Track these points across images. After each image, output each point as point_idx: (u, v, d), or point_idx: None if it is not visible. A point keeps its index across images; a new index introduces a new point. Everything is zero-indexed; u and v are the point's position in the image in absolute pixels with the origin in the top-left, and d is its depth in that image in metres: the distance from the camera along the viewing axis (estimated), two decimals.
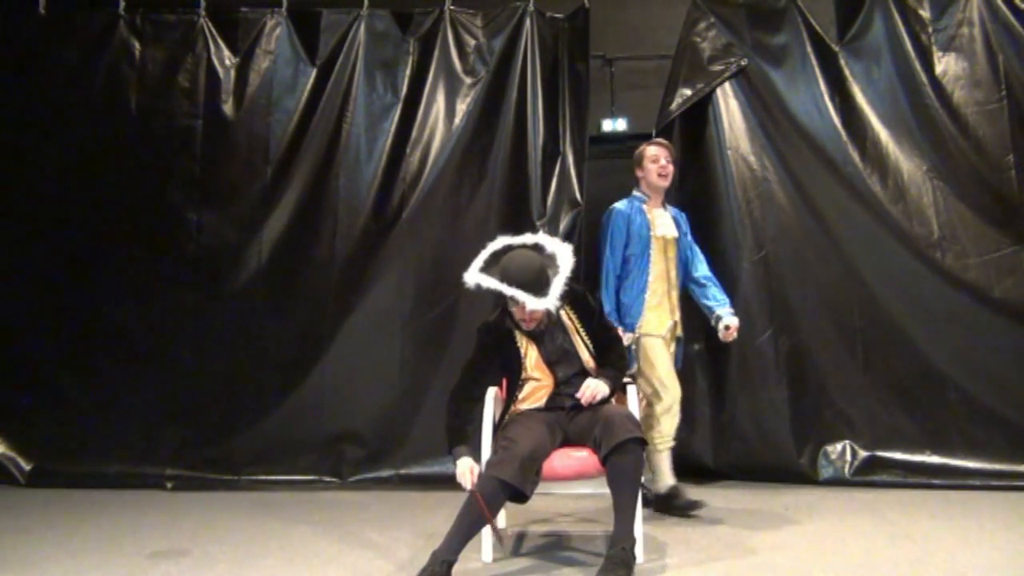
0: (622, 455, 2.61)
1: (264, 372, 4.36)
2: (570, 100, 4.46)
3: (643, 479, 2.98)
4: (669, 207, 3.75)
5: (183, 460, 4.29)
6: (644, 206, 3.63)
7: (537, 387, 2.93)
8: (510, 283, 2.74)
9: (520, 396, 2.94)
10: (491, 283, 2.78)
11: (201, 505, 3.87)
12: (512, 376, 2.97)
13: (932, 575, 2.60)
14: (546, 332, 2.92)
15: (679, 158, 4.33)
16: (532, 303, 2.71)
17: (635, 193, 3.69)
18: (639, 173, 3.68)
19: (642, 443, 2.66)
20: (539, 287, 2.74)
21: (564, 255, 2.86)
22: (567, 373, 2.92)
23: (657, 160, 3.62)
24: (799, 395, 4.07)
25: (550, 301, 2.73)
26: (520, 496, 2.60)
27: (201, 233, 4.48)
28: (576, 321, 2.96)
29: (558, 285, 2.76)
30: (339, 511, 3.71)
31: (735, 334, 3.59)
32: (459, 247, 4.38)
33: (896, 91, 4.24)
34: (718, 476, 4.11)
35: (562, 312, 2.92)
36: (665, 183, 3.64)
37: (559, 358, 2.92)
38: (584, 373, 2.92)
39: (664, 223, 3.63)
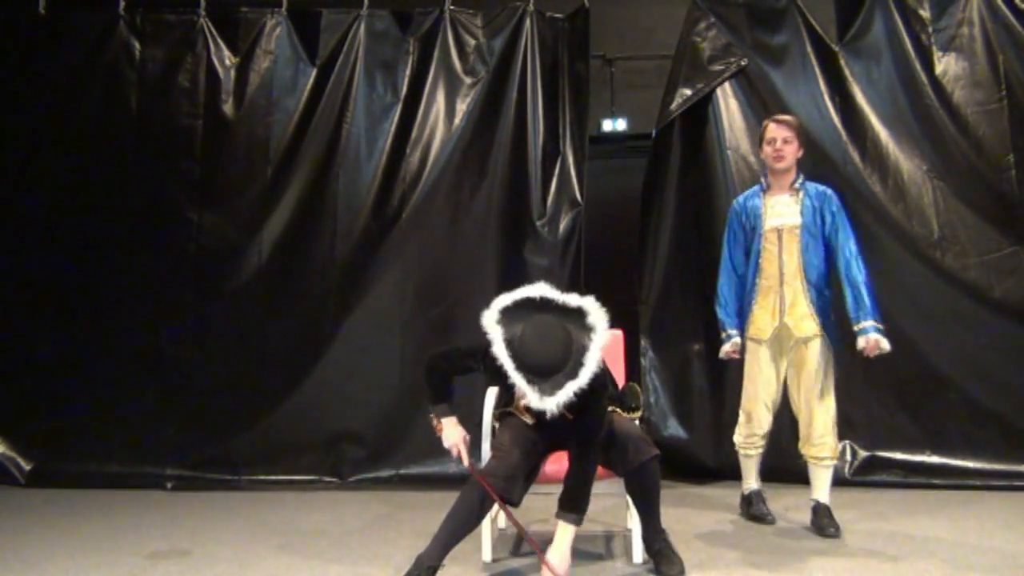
0: (642, 477, 2.62)
1: (264, 372, 4.36)
2: (570, 100, 4.47)
3: None
4: (810, 186, 3.28)
5: (183, 460, 4.29)
6: (763, 193, 3.31)
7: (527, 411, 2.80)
8: (521, 364, 2.35)
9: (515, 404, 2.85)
10: (502, 355, 2.37)
11: (201, 505, 3.87)
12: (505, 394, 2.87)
13: (932, 575, 2.60)
14: None
15: (679, 158, 4.34)
16: (535, 401, 2.33)
17: (762, 179, 3.38)
18: (761, 155, 3.40)
19: (658, 459, 2.64)
20: (551, 374, 2.35)
21: (597, 341, 2.41)
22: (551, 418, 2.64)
23: (773, 141, 3.23)
24: None
25: (551, 404, 2.32)
26: (509, 503, 2.61)
27: (201, 233, 4.48)
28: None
29: (568, 391, 2.33)
30: (339, 511, 3.71)
31: (872, 354, 3.12)
32: (459, 247, 4.40)
33: (896, 91, 4.24)
34: (718, 476, 4.11)
35: None
36: (781, 165, 3.23)
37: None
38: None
39: (783, 211, 3.23)
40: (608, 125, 5.56)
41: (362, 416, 4.31)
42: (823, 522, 3.13)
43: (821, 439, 3.17)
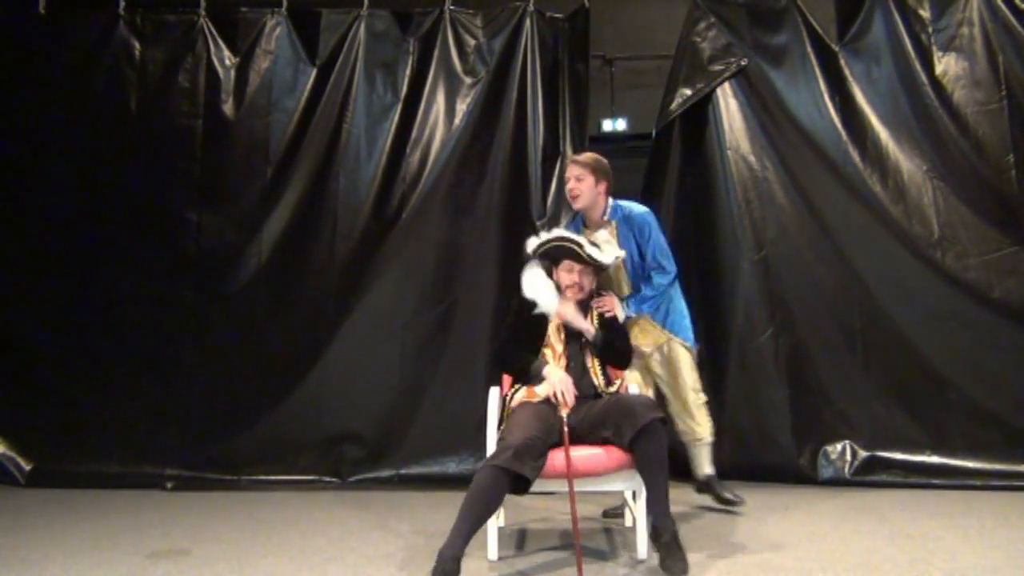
0: (649, 439, 2.65)
1: (264, 372, 4.36)
2: (570, 100, 4.46)
3: None
4: (620, 211, 3.37)
5: (183, 460, 4.29)
6: (584, 228, 3.40)
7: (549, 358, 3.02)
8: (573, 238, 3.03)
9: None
10: (557, 231, 3.08)
11: (201, 505, 3.87)
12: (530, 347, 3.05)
13: (932, 575, 2.60)
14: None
15: (679, 158, 4.34)
16: (596, 253, 3.01)
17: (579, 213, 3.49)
18: None
19: (665, 423, 2.72)
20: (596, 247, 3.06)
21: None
22: (574, 348, 3.05)
23: (567, 181, 3.37)
24: (799, 395, 4.07)
25: (608, 256, 3.05)
26: (522, 482, 2.61)
27: (201, 233, 4.48)
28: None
29: (614, 250, 3.10)
30: (339, 511, 3.71)
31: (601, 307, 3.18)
32: (459, 247, 4.40)
33: (896, 91, 4.24)
34: (718, 476, 4.10)
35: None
36: (576, 205, 3.37)
37: (574, 338, 3.06)
38: (585, 371, 3.01)
39: (606, 248, 3.25)
40: (608, 125, 5.57)
41: (362, 416, 4.30)
42: (718, 489, 3.48)
43: (700, 425, 3.44)
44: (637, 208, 3.39)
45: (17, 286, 4.48)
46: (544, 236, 3.10)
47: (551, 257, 3.14)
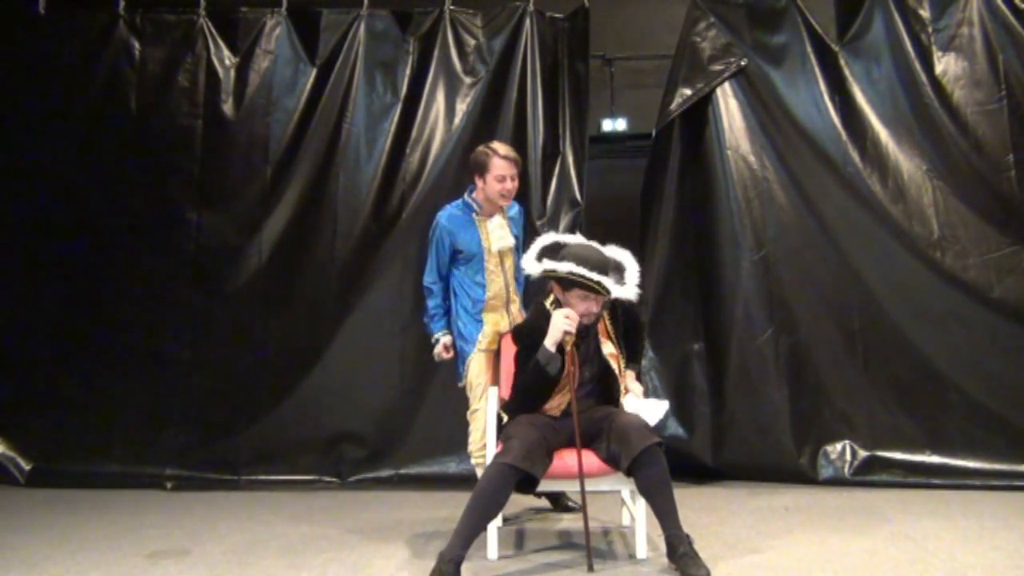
0: (648, 466, 2.62)
1: (264, 372, 4.36)
2: (570, 100, 4.46)
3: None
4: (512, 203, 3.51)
5: (183, 460, 4.29)
6: (475, 215, 3.38)
7: (561, 395, 2.89)
8: (590, 268, 2.67)
9: (547, 406, 2.90)
10: (568, 268, 2.66)
11: (201, 505, 3.87)
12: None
13: (932, 575, 2.60)
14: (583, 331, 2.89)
15: (679, 158, 4.34)
16: (617, 291, 2.70)
17: (471, 200, 3.40)
18: (482, 184, 3.34)
19: (662, 445, 2.67)
20: (618, 275, 2.75)
21: (624, 255, 2.84)
22: (590, 373, 2.94)
23: (503, 179, 3.28)
24: (799, 395, 4.06)
25: (630, 290, 2.72)
26: (530, 481, 2.61)
27: (201, 233, 4.48)
28: (607, 318, 2.97)
29: (634, 274, 2.75)
30: (339, 511, 3.71)
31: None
32: None
33: (896, 91, 4.24)
34: (718, 476, 4.11)
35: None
36: (509, 203, 3.42)
37: (588, 359, 2.94)
38: (606, 371, 2.93)
39: (502, 233, 3.38)
40: (608, 125, 5.57)
41: (362, 416, 4.31)
42: None
43: None
44: (516, 204, 3.55)
45: (16, 286, 4.48)
46: (556, 264, 2.73)
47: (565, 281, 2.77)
